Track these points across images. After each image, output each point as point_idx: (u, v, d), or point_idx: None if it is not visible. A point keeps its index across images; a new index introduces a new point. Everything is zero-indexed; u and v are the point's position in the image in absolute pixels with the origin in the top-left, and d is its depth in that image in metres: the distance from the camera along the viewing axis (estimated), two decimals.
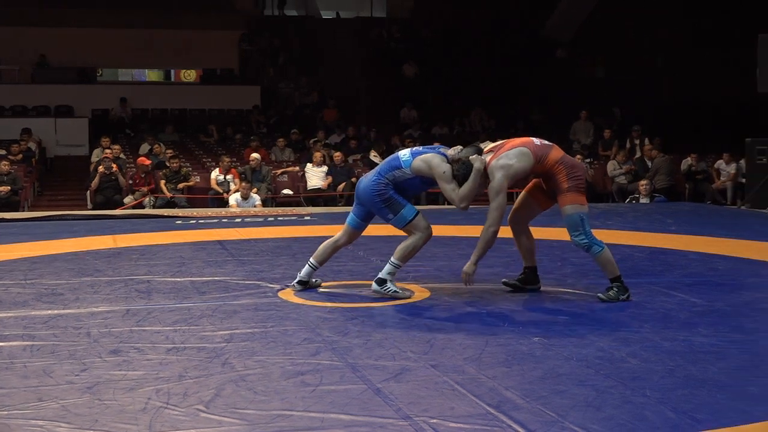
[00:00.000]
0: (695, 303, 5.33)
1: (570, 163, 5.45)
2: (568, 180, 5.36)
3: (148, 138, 16.83)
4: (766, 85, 11.09)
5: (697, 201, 14.63)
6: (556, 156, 5.41)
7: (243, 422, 3.24)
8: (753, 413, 3.31)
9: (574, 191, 5.35)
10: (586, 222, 5.36)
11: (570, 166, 5.41)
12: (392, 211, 5.56)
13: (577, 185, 5.37)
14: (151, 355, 4.17)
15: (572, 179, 5.36)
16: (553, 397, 3.50)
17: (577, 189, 5.36)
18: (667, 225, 9.44)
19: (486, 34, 23.65)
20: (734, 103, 17.97)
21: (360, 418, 3.27)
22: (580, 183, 5.40)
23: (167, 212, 11.92)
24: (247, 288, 5.92)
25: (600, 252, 5.37)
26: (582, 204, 5.36)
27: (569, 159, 5.50)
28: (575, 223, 5.34)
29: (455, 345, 4.38)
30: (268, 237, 8.77)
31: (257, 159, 14.19)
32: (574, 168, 5.43)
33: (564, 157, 5.45)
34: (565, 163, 5.41)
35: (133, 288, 5.94)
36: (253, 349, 4.28)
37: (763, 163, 11.96)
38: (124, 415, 3.31)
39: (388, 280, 5.57)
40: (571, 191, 5.35)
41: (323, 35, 23.80)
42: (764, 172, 11.66)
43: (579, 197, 5.36)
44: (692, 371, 3.89)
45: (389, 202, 5.55)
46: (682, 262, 7.08)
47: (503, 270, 6.60)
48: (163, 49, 22.05)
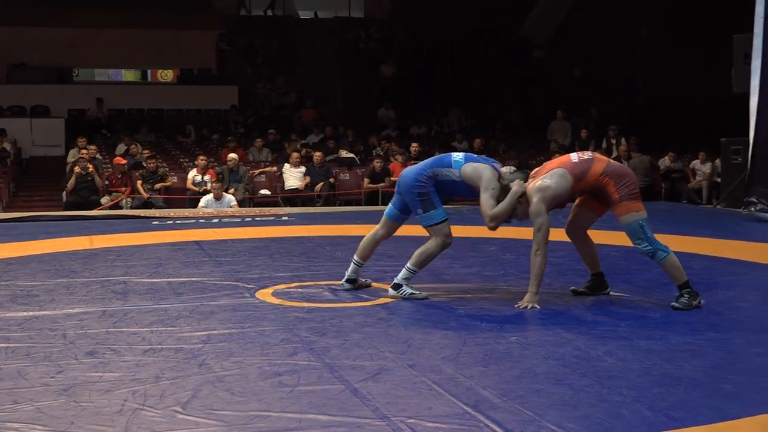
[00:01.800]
0: (670, 302, 5.35)
1: (617, 172, 5.29)
2: (618, 190, 5.21)
3: (125, 138, 16.74)
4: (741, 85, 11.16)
5: (673, 200, 14.73)
6: (598, 169, 5.26)
7: (220, 423, 3.23)
8: (728, 411, 3.34)
9: (627, 200, 5.20)
10: (646, 228, 5.21)
11: (617, 175, 5.25)
12: (423, 207, 5.51)
13: (630, 193, 5.22)
14: (127, 357, 4.14)
15: (622, 188, 5.21)
16: (530, 396, 3.52)
17: (630, 197, 5.21)
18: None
19: (464, 35, 23.69)
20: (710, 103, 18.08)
21: (338, 419, 3.27)
22: (633, 190, 5.24)
23: (144, 213, 11.87)
24: (224, 289, 5.91)
25: (665, 258, 5.22)
26: (638, 210, 5.21)
27: (615, 168, 5.34)
28: (635, 230, 5.21)
29: (433, 345, 4.38)
30: (245, 237, 8.75)
31: (235, 159, 14.15)
32: (622, 176, 5.26)
33: (608, 168, 5.29)
34: (610, 174, 5.25)
35: (109, 289, 5.91)
36: (231, 350, 4.26)
37: (738, 162, 12.03)
38: (101, 417, 3.29)
39: (403, 284, 5.56)
40: (624, 200, 5.20)
41: (301, 35, 23.77)
42: (739, 171, 11.73)
43: (634, 204, 5.21)
44: (668, 369, 3.91)
45: (424, 198, 5.50)
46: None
47: (481, 270, 6.63)
48: (139, 49, 21.92)
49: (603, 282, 5.67)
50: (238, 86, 21.35)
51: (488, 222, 5.41)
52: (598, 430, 3.15)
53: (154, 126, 19.43)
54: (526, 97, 21.25)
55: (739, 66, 11.46)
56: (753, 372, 3.92)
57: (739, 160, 12.04)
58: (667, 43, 21.50)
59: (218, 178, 13.31)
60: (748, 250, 7.78)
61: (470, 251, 7.50)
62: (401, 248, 7.41)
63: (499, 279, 6.27)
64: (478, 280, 6.24)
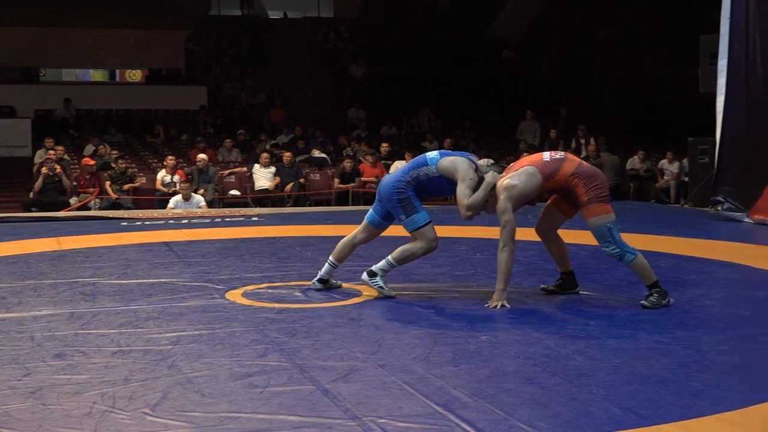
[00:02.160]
0: (639, 300, 5.39)
1: (587, 173, 5.28)
2: (587, 192, 5.22)
3: (93, 139, 16.62)
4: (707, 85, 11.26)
5: (641, 200, 14.84)
6: (568, 169, 5.27)
7: (190, 425, 3.21)
8: (696, 408, 3.37)
9: (596, 202, 5.21)
10: (614, 231, 5.22)
11: (587, 177, 5.26)
12: (405, 212, 5.53)
13: (598, 195, 5.22)
14: (96, 359, 4.11)
15: (591, 190, 5.22)
16: (500, 396, 3.53)
17: (598, 199, 5.21)
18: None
19: (434, 35, 23.74)
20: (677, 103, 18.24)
21: (308, 419, 3.27)
22: (602, 192, 5.25)
23: (112, 214, 11.79)
24: (194, 290, 5.88)
25: (633, 260, 5.23)
26: (607, 213, 5.22)
27: (586, 169, 5.33)
28: (603, 233, 5.22)
29: (403, 345, 4.39)
30: (215, 238, 8.71)
31: (204, 160, 14.08)
32: (592, 178, 5.26)
33: (579, 169, 5.29)
34: (580, 175, 5.26)
35: (77, 291, 5.86)
36: (200, 351, 4.24)
37: (705, 162, 12.14)
38: (69, 420, 3.26)
39: (379, 274, 5.58)
40: (592, 203, 5.21)
41: (270, 35, 23.71)
42: (706, 171, 11.84)
43: (602, 207, 5.21)
44: (637, 368, 3.94)
45: (405, 203, 5.52)
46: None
47: (451, 269, 6.64)
48: (107, 49, 21.74)
49: (573, 281, 5.71)
50: (207, 86, 21.26)
51: (464, 212, 5.43)
52: (568, 428, 3.17)
53: (123, 126, 19.29)
54: (496, 97, 21.34)
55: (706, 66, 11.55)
56: (719, 369, 3.96)
57: (706, 160, 12.16)
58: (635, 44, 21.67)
59: (187, 179, 13.25)
60: (714, 248, 7.86)
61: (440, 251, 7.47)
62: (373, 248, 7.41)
63: (469, 278, 6.29)
64: (449, 279, 6.26)
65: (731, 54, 10.32)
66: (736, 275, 6.61)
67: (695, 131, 12.84)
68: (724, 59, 10.44)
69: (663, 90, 20.55)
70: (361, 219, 5.93)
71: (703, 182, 11.89)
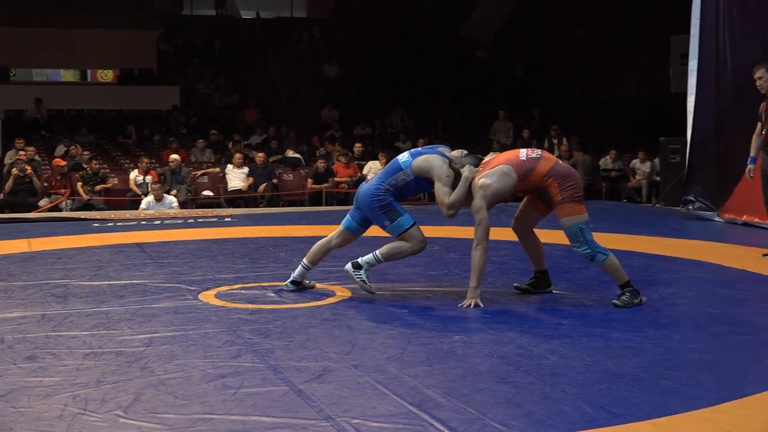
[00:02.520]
0: (612, 299, 5.42)
1: (561, 173, 5.28)
2: (561, 192, 5.22)
3: (64, 139, 16.50)
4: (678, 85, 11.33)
5: (613, 199, 14.93)
6: (543, 169, 5.27)
7: (163, 427, 3.20)
8: (667, 406, 3.39)
9: (569, 202, 5.21)
10: (586, 231, 5.23)
11: (562, 176, 5.26)
12: (389, 218, 5.49)
13: (572, 195, 5.22)
14: (67, 361, 4.09)
15: (565, 190, 5.22)
16: (474, 395, 3.54)
17: (571, 199, 5.22)
18: None
19: (407, 35, 23.76)
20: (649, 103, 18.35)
21: (282, 420, 3.26)
22: (575, 193, 5.25)
23: (84, 215, 11.70)
24: (166, 291, 5.85)
25: (605, 260, 5.24)
26: (580, 213, 5.23)
27: (561, 169, 5.32)
28: (575, 233, 5.23)
29: (377, 345, 4.39)
30: (188, 239, 8.67)
31: (177, 160, 14.02)
32: (567, 178, 5.26)
33: (554, 169, 5.28)
34: (555, 174, 5.26)
35: (48, 292, 5.81)
36: (173, 353, 4.22)
37: (677, 161, 12.22)
38: (40, 423, 3.24)
39: (364, 267, 5.55)
40: (565, 203, 5.22)
41: (243, 35, 23.63)
42: (677, 170, 11.92)
43: (575, 207, 5.22)
44: (609, 366, 3.96)
45: (387, 209, 5.49)
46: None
47: (424, 269, 6.65)
48: (79, 49, 21.59)
49: (546, 279, 5.73)
50: (180, 86, 21.17)
51: (446, 211, 5.41)
52: (541, 427, 3.18)
53: (95, 127, 19.16)
54: (469, 97, 21.39)
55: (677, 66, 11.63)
56: (691, 367, 4.00)
57: (677, 160, 12.24)
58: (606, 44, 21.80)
59: (159, 180, 13.18)
60: (685, 247, 7.92)
61: None
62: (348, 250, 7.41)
63: (442, 278, 6.30)
64: (422, 279, 6.27)
65: (701, 54, 10.40)
66: (706, 274, 6.67)
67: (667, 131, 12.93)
68: (695, 60, 10.52)
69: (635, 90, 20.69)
70: (335, 219, 5.93)
71: (674, 182, 11.98)
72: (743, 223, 9.54)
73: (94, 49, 21.66)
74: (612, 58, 21.40)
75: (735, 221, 9.70)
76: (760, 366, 3.99)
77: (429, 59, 22.84)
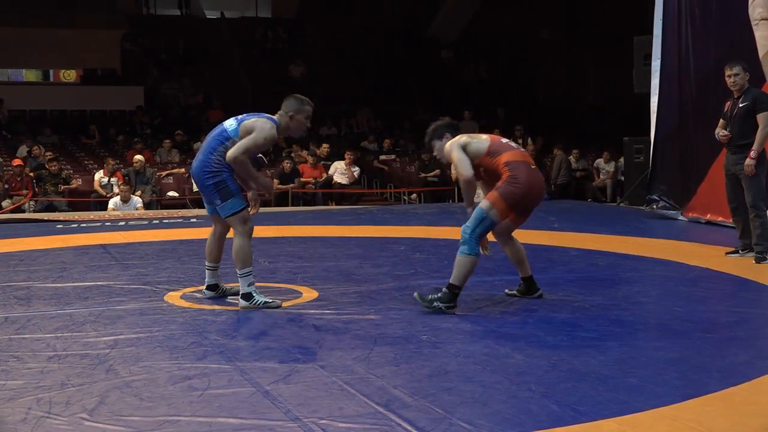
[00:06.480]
0: (577, 298, 5.46)
1: (516, 171, 5.23)
2: (505, 183, 5.20)
3: (27, 140, 16.33)
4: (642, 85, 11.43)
5: (578, 199, 15.04)
6: (507, 158, 5.28)
7: (129, 429, 3.17)
8: (632, 404, 3.42)
9: (502, 196, 5.18)
10: (485, 224, 5.20)
11: (514, 173, 5.22)
12: (221, 197, 5.28)
13: (510, 192, 5.18)
14: (31, 364, 4.04)
15: (507, 184, 5.20)
16: (441, 395, 3.54)
17: (506, 195, 5.18)
18: (550, 222, 9.66)
19: (372, 35, 23.75)
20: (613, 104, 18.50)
21: (249, 422, 3.25)
22: (513, 194, 5.19)
23: (47, 216, 11.59)
24: (131, 292, 5.81)
25: (466, 255, 5.18)
26: (499, 210, 5.18)
27: (519, 169, 5.25)
28: (477, 217, 5.18)
29: (344, 345, 4.39)
30: (153, 240, 8.62)
31: (141, 161, 13.94)
32: (516, 178, 5.21)
33: (514, 164, 5.26)
34: (511, 167, 5.25)
35: (11, 295, 5.75)
36: (139, 355, 4.19)
37: (640, 161, 12.34)
38: (4, 426, 3.20)
39: (252, 291, 5.34)
40: (498, 191, 5.20)
41: (208, 35, 23.51)
42: (641, 170, 12.04)
43: (502, 203, 5.18)
44: (575, 365, 3.99)
45: (220, 187, 5.27)
46: (564, 259, 7.27)
47: (391, 269, 6.66)
48: (41, 49, 21.32)
49: (533, 285, 5.62)
50: (144, 86, 21.01)
51: (230, 156, 5.21)
52: (508, 426, 3.19)
53: (57, 127, 18.97)
54: (434, 97, 21.42)
55: (640, 67, 11.73)
56: (655, 365, 4.03)
57: (641, 159, 12.36)
58: (570, 44, 21.94)
59: (125, 181, 13.09)
60: (650, 246, 7.99)
61: (380, 251, 7.53)
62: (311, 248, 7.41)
63: (409, 278, 6.30)
64: (389, 279, 6.26)
65: (664, 55, 10.51)
66: (671, 272, 6.72)
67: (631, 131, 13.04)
68: (658, 60, 10.63)
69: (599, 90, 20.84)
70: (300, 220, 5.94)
71: (638, 181, 12.09)
72: (707, 221, 9.65)
73: (57, 49, 21.41)
74: (575, 59, 21.54)
75: (698, 220, 9.81)
76: (723, 363, 4.03)
77: (394, 59, 22.84)
